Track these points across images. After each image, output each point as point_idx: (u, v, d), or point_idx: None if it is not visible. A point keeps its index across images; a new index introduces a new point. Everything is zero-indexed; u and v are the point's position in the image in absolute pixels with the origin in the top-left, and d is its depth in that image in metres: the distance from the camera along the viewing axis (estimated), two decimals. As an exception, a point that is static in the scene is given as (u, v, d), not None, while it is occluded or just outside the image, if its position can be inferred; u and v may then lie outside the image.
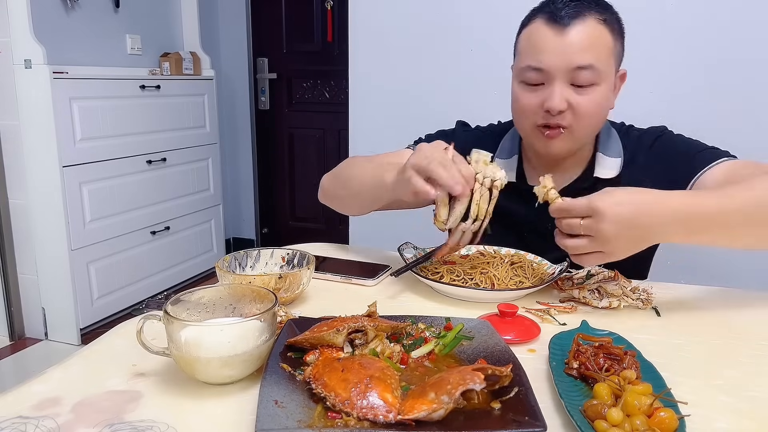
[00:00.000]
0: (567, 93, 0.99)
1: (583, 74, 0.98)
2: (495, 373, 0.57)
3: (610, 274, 0.94)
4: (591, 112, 1.01)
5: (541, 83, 1.01)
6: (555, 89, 0.99)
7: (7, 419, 0.58)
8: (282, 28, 3.71)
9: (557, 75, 0.98)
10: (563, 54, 0.98)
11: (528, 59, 1.01)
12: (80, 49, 2.77)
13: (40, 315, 2.71)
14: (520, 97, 1.04)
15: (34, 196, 2.57)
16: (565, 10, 0.98)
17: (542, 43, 0.99)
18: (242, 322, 0.66)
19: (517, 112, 1.07)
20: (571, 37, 0.97)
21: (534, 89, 1.02)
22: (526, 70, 1.02)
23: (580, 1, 0.99)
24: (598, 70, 0.98)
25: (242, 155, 3.99)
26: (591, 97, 0.99)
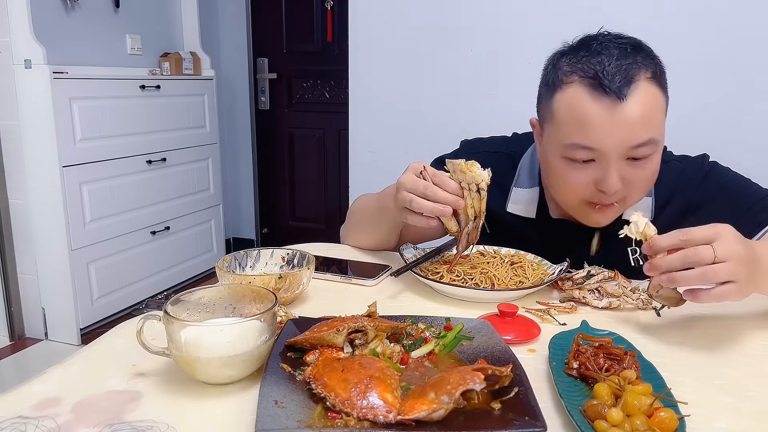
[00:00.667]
0: (623, 170, 0.88)
1: (641, 150, 0.86)
2: (495, 373, 0.57)
3: (610, 274, 0.94)
4: (645, 183, 0.92)
5: (592, 159, 0.88)
6: (611, 171, 0.87)
7: (7, 419, 0.58)
8: (282, 28, 3.71)
9: (613, 155, 0.86)
10: (621, 133, 0.84)
11: (574, 136, 0.87)
12: (80, 49, 2.77)
13: (40, 315, 2.71)
14: (566, 174, 0.91)
15: (34, 196, 2.57)
16: (618, 75, 0.83)
17: (591, 119, 0.85)
18: (242, 322, 0.66)
19: (559, 188, 0.96)
20: (629, 113, 0.83)
21: (582, 166, 0.89)
22: (572, 148, 0.88)
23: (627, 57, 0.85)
24: (656, 141, 0.87)
25: (242, 155, 3.99)
26: (646, 168, 0.89)
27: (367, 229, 1.15)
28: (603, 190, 0.89)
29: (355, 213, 1.20)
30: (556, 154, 0.92)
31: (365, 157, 2.20)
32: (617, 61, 0.84)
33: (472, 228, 0.91)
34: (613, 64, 0.84)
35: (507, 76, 1.96)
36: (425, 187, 0.87)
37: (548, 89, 0.93)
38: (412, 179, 0.89)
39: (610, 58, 0.85)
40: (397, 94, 2.13)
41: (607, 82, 0.83)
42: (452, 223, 0.92)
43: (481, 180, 0.86)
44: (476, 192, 0.88)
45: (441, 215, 0.88)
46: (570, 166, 0.91)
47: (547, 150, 0.95)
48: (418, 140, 2.09)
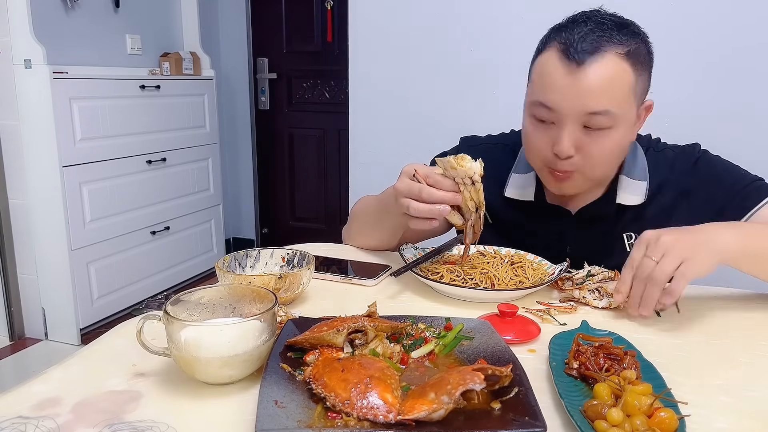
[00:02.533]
0: (577, 136, 0.91)
1: (596, 119, 0.89)
2: (495, 373, 0.57)
3: (610, 274, 0.94)
4: (602, 157, 0.94)
5: (552, 122, 0.93)
6: (564, 134, 0.91)
7: (7, 419, 0.58)
8: (282, 28, 3.71)
9: (567, 118, 0.90)
10: (575, 97, 0.89)
11: (538, 94, 0.93)
12: (80, 49, 2.77)
13: (40, 315, 2.71)
14: (530, 132, 0.98)
15: (34, 196, 2.57)
16: (582, 43, 0.88)
17: (553, 81, 0.90)
18: (242, 322, 0.66)
19: (526, 147, 1.01)
20: (586, 79, 0.87)
21: (544, 126, 0.95)
22: (536, 105, 0.94)
23: (600, 32, 0.88)
24: (614, 114, 0.89)
25: (242, 155, 3.99)
26: (603, 141, 0.92)
27: (369, 231, 1.15)
28: (556, 153, 0.93)
29: (356, 215, 1.21)
30: (527, 114, 0.98)
31: (365, 157, 2.20)
32: (590, 33, 0.89)
33: (476, 219, 0.92)
34: (584, 34, 0.89)
35: (507, 76, 1.96)
36: (420, 190, 0.88)
37: (534, 56, 0.98)
38: (406, 184, 0.90)
39: (585, 29, 0.90)
40: (397, 94, 2.13)
41: (572, 49, 0.88)
42: (456, 218, 0.92)
43: (473, 173, 0.87)
44: (471, 184, 0.88)
45: (440, 215, 0.89)
46: (534, 125, 0.96)
47: (524, 111, 1.00)
48: (418, 140, 2.09)
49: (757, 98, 1.73)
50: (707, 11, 1.73)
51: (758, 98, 1.73)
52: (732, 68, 1.74)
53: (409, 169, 0.91)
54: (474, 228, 0.93)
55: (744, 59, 1.72)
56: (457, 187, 0.88)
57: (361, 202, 1.22)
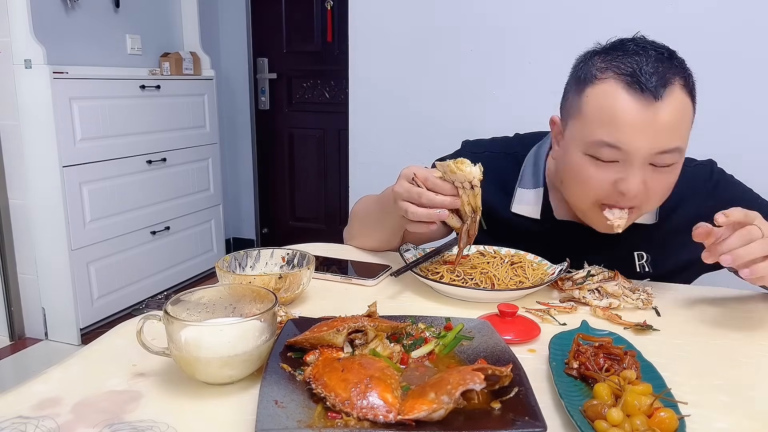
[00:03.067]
0: (645, 174, 0.86)
1: (666, 157, 0.85)
2: (495, 373, 0.57)
3: (610, 274, 0.94)
4: (664, 193, 0.91)
5: (615, 160, 0.86)
6: (635, 173, 0.85)
7: (7, 419, 0.58)
8: (282, 28, 3.71)
9: (639, 158, 0.84)
10: (651, 135, 0.83)
11: (602, 133, 0.85)
12: (80, 49, 2.77)
13: (40, 315, 2.71)
14: (587, 172, 0.89)
15: (34, 196, 2.57)
16: (655, 76, 0.82)
17: (624, 118, 0.83)
18: (242, 322, 0.66)
19: (579, 185, 0.92)
20: (662, 115, 0.82)
21: (605, 165, 0.87)
22: (598, 145, 0.86)
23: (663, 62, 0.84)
24: (682, 150, 0.86)
25: (242, 155, 3.99)
26: (668, 177, 0.88)
27: (370, 231, 1.15)
28: (623, 192, 0.87)
29: (357, 215, 1.21)
30: (578, 151, 0.90)
31: (365, 157, 2.20)
32: (655, 63, 0.84)
33: (471, 223, 0.92)
34: (651, 65, 0.83)
35: (507, 76, 1.96)
36: (419, 194, 0.87)
37: (578, 84, 0.90)
38: (405, 188, 0.89)
39: (648, 58, 0.84)
40: (397, 94, 2.13)
41: (644, 80, 0.82)
42: (454, 220, 0.92)
43: (473, 177, 0.86)
44: (470, 189, 0.88)
45: (438, 219, 0.88)
46: (592, 164, 0.89)
47: (568, 147, 0.93)
48: (418, 140, 2.09)
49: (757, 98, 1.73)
50: (707, 11, 1.73)
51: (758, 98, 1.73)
52: (732, 68, 1.74)
53: (408, 172, 0.90)
54: (468, 232, 0.93)
55: (744, 59, 1.72)
56: (455, 190, 0.88)
57: (361, 202, 1.21)
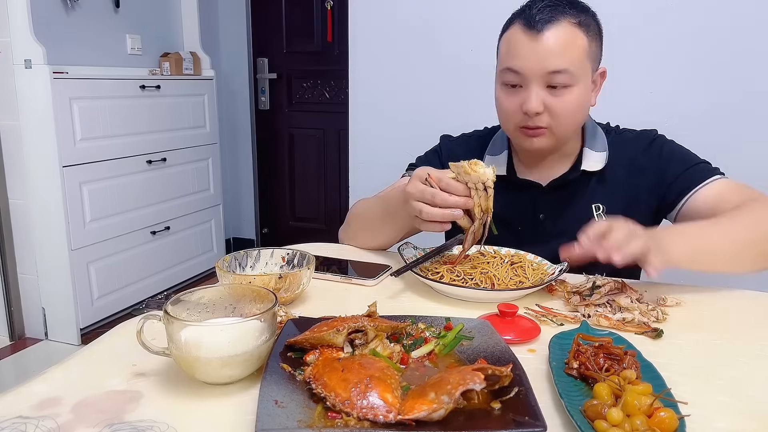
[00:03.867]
0: (543, 95, 1.03)
1: (557, 77, 1.02)
2: (495, 373, 0.57)
3: (616, 285, 0.91)
4: (567, 113, 1.05)
5: (519, 85, 1.05)
6: (531, 92, 1.03)
7: (7, 419, 0.58)
8: (282, 28, 3.71)
9: (533, 78, 1.03)
10: (537, 59, 1.02)
11: (506, 62, 1.06)
12: (80, 49, 2.77)
13: (40, 315, 2.71)
14: (501, 98, 1.09)
15: (34, 196, 2.57)
16: (540, 15, 1.02)
17: (518, 48, 1.03)
18: (242, 322, 0.66)
19: (499, 113, 1.12)
20: (545, 43, 1.01)
21: (513, 91, 1.06)
22: (505, 72, 1.07)
23: (554, 6, 1.03)
24: (572, 72, 1.02)
25: (242, 155, 3.99)
26: (566, 98, 1.03)
27: (372, 232, 1.18)
28: (526, 111, 1.04)
29: (357, 217, 1.23)
30: (498, 84, 1.10)
31: (365, 157, 2.20)
32: (545, 8, 1.03)
33: (479, 226, 0.94)
34: (541, 7, 1.03)
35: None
36: (433, 195, 0.92)
37: (500, 35, 1.11)
38: (419, 188, 0.94)
39: (541, 5, 1.03)
40: (397, 94, 2.13)
41: (533, 18, 1.02)
42: (465, 221, 0.95)
43: (486, 178, 0.90)
44: (483, 190, 0.91)
45: (452, 219, 0.93)
46: (504, 91, 1.08)
47: (495, 86, 1.11)
48: (418, 140, 2.08)
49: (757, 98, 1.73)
50: (707, 11, 1.73)
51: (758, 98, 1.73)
52: (732, 68, 1.74)
53: (422, 173, 0.95)
54: (475, 234, 0.96)
55: (744, 59, 1.72)
56: (468, 191, 0.91)
57: (361, 205, 1.24)
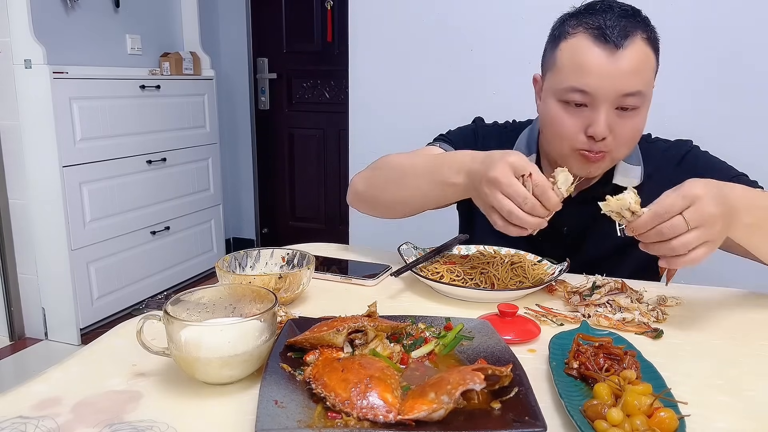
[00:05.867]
0: (611, 118, 0.95)
1: (629, 100, 0.94)
2: (495, 373, 0.57)
3: (616, 285, 0.90)
4: (631, 138, 0.98)
5: (584, 104, 0.96)
6: (600, 115, 0.94)
7: (7, 419, 0.58)
8: (282, 28, 3.71)
9: (604, 100, 0.93)
10: (614, 79, 0.92)
11: (572, 79, 0.95)
12: (80, 49, 2.77)
13: (40, 315, 2.71)
14: (560, 118, 0.98)
15: (34, 196, 2.57)
16: (617, 28, 0.92)
17: (591, 65, 0.93)
18: (242, 322, 0.66)
19: (554, 133, 1.01)
20: (623, 61, 0.92)
21: (577, 111, 0.96)
22: (568, 91, 0.96)
23: (627, 17, 0.94)
24: (644, 94, 0.95)
25: (242, 155, 3.99)
26: (634, 121, 0.96)
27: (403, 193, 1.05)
28: (592, 135, 0.95)
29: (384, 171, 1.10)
30: (554, 99, 0.99)
31: (365, 157, 2.19)
32: (618, 18, 0.93)
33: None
34: (614, 20, 0.93)
35: (507, 76, 1.96)
36: (525, 199, 0.81)
37: (554, 42, 1.00)
38: (513, 184, 0.82)
39: (612, 14, 0.94)
40: (397, 93, 2.13)
41: (608, 32, 0.92)
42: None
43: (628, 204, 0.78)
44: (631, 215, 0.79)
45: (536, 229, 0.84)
46: (564, 110, 0.98)
47: (546, 98, 1.01)
48: (418, 140, 2.08)
49: (757, 99, 1.73)
50: (706, 12, 1.73)
51: (757, 99, 1.73)
52: (731, 67, 1.74)
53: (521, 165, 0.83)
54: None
55: (743, 59, 1.72)
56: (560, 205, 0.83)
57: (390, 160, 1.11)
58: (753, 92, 1.74)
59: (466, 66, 2.03)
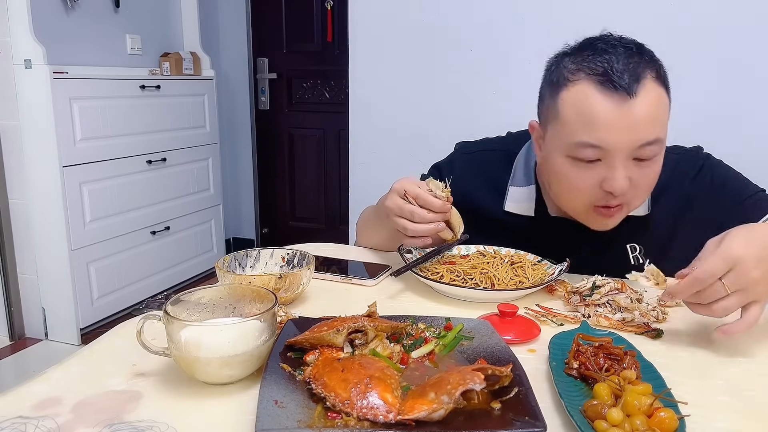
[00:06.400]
0: (630, 170, 0.86)
1: (647, 150, 0.85)
2: (495, 373, 0.57)
3: (616, 285, 0.90)
4: (652, 184, 0.91)
5: (598, 159, 0.86)
6: (617, 169, 0.85)
7: (7, 419, 0.58)
8: (282, 28, 3.71)
9: (620, 153, 0.84)
10: (629, 131, 0.83)
11: (581, 134, 0.85)
12: (80, 49, 2.77)
13: (40, 315, 2.71)
14: (571, 175, 0.89)
15: (34, 196, 2.57)
16: (626, 73, 0.82)
17: (600, 117, 0.83)
18: (242, 322, 0.66)
19: (567, 190, 0.93)
20: (638, 110, 0.82)
21: (588, 166, 0.87)
22: (578, 147, 0.86)
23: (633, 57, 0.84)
24: (662, 140, 0.86)
25: (242, 155, 3.99)
26: (653, 169, 0.88)
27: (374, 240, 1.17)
28: (610, 191, 0.87)
29: (359, 228, 1.23)
30: (561, 155, 0.90)
31: (365, 157, 2.20)
32: (625, 59, 0.84)
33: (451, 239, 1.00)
34: (622, 62, 0.83)
35: (507, 76, 1.96)
36: (411, 213, 0.92)
37: (552, 89, 0.91)
38: (398, 204, 0.93)
39: (618, 56, 0.84)
40: (397, 94, 2.13)
41: (617, 78, 0.82)
42: (446, 233, 0.98)
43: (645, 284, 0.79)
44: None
45: (435, 233, 0.94)
46: (575, 166, 0.89)
47: (550, 151, 0.93)
48: (418, 140, 2.09)
49: (756, 99, 1.73)
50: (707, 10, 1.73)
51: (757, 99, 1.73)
52: (731, 67, 1.73)
53: (399, 188, 0.94)
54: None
55: (743, 58, 1.72)
56: (447, 206, 0.93)
57: (363, 215, 1.24)
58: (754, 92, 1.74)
59: (466, 66, 2.02)
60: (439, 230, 0.94)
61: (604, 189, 0.88)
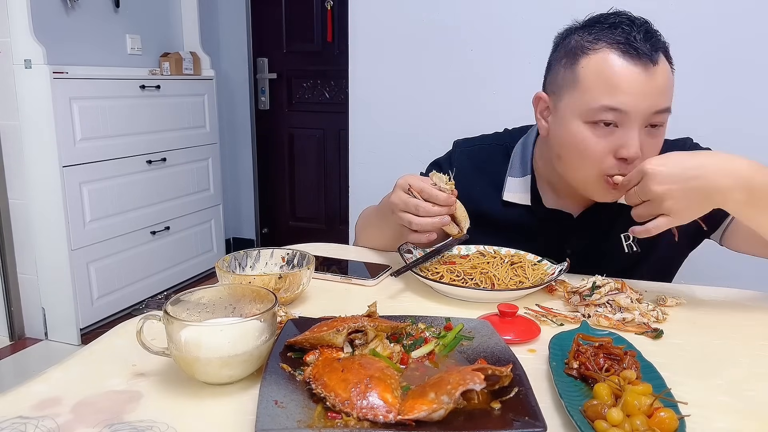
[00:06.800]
0: (642, 137, 0.90)
1: (659, 117, 0.90)
2: (495, 373, 0.57)
3: (616, 285, 0.90)
4: (656, 154, 0.94)
5: (615, 125, 0.90)
6: (632, 135, 0.89)
7: (7, 419, 0.58)
8: (282, 28, 3.71)
9: (637, 119, 0.88)
10: (649, 96, 0.87)
11: (603, 97, 0.88)
12: (80, 49, 2.77)
13: (40, 315, 2.71)
14: (589, 140, 0.91)
15: (34, 196, 2.57)
16: (648, 43, 0.88)
17: (625, 81, 0.87)
18: (242, 322, 0.66)
19: (582, 157, 0.94)
20: (658, 78, 0.88)
21: (604, 132, 0.90)
22: (599, 111, 0.89)
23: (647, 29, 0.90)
24: (670, 110, 0.92)
25: (242, 155, 3.99)
26: (658, 139, 0.93)
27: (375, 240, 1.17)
28: (625, 157, 0.90)
29: (359, 228, 1.23)
30: (578, 121, 0.93)
31: (365, 157, 2.20)
32: (644, 31, 0.89)
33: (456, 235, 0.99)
34: (642, 34, 0.89)
35: (507, 76, 1.96)
36: (416, 207, 0.92)
37: (569, 57, 0.94)
38: (402, 199, 0.94)
39: (637, 27, 0.90)
40: (397, 94, 2.13)
41: (639, 46, 0.87)
42: (452, 227, 0.97)
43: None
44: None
45: (440, 228, 0.93)
46: (593, 131, 0.91)
47: (565, 119, 0.95)
48: (418, 140, 2.09)
49: (756, 95, 1.73)
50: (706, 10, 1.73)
51: (757, 95, 1.73)
52: (731, 64, 1.74)
53: (404, 183, 0.95)
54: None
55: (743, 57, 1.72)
56: (452, 199, 0.93)
57: (363, 214, 1.24)
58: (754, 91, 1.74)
59: (466, 66, 2.02)
60: (444, 224, 0.93)
61: (619, 156, 0.91)
